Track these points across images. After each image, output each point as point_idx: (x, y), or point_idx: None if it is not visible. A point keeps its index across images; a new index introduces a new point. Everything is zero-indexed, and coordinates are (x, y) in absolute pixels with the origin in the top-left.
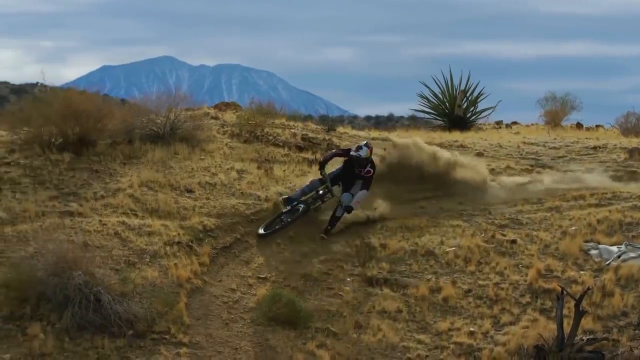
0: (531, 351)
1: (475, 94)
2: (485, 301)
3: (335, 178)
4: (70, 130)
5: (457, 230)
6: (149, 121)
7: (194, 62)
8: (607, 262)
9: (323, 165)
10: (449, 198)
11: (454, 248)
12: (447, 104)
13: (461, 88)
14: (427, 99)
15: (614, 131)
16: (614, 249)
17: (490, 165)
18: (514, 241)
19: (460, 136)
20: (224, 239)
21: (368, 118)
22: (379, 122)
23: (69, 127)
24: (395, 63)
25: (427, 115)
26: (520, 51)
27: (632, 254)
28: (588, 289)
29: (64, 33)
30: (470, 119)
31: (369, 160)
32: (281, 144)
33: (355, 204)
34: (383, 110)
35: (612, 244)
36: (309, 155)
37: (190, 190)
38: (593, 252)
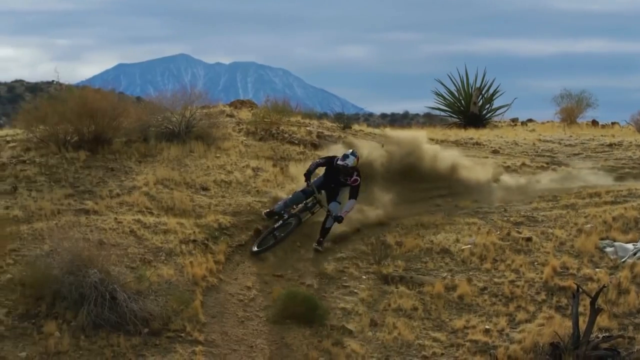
0: (547, 349)
1: (490, 91)
2: (500, 299)
3: (319, 187)
4: (85, 129)
5: (473, 228)
6: (165, 119)
7: (210, 60)
8: (623, 260)
9: (309, 176)
10: (459, 196)
11: (469, 245)
12: (463, 102)
13: (477, 85)
14: (443, 96)
15: (630, 128)
16: (630, 246)
17: (505, 163)
18: (529, 239)
19: (476, 134)
20: (239, 237)
21: (383, 116)
22: (394, 120)
23: (84, 125)
24: (411, 60)
25: (443, 113)
26: (536, 48)
27: None
28: (604, 286)
29: (79, 31)
30: (486, 116)
31: (355, 169)
32: (297, 141)
33: (344, 213)
34: (398, 108)
35: (628, 242)
36: (324, 153)
37: (205, 188)
38: (608, 250)
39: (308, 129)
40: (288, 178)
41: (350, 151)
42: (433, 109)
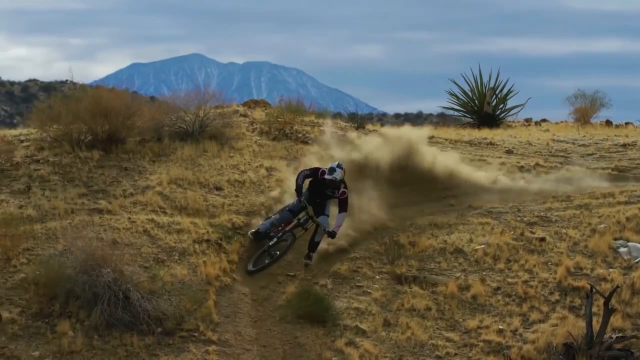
0: (560, 349)
1: (504, 91)
2: (514, 299)
3: (307, 202)
4: (99, 128)
5: (486, 228)
6: (178, 119)
7: (223, 60)
8: (637, 260)
9: (300, 191)
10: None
11: (482, 246)
12: (477, 102)
13: (490, 85)
14: (457, 96)
15: None
16: None
17: (519, 163)
18: (543, 239)
19: (490, 133)
20: None
21: (397, 115)
22: (408, 119)
23: (98, 125)
24: (425, 60)
25: (456, 113)
26: (550, 48)
27: None
28: (617, 286)
29: (93, 30)
30: (500, 116)
31: (342, 181)
32: (310, 141)
33: (337, 228)
34: (412, 108)
35: None
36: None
37: (219, 188)
38: (622, 250)
39: (322, 128)
40: None
41: (336, 163)
42: (447, 108)
